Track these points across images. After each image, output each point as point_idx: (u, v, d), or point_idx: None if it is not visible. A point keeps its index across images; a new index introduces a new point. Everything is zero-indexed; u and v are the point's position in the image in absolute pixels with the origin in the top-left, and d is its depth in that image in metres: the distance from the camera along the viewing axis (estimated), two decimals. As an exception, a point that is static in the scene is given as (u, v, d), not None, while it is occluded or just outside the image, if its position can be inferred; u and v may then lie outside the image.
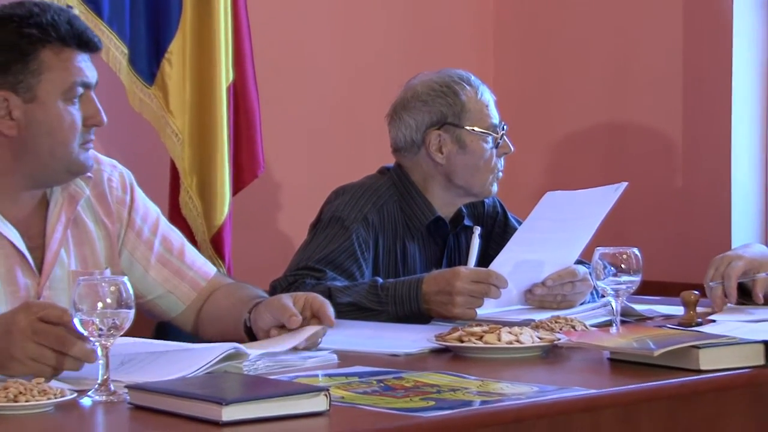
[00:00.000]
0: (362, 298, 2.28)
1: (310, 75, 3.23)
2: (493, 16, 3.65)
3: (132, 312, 1.52)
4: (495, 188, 2.46)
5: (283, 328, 1.84)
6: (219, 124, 2.63)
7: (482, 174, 2.41)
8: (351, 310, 2.27)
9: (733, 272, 2.19)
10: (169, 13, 2.60)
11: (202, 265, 2.12)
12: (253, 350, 1.73)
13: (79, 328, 1.54)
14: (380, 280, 2.31)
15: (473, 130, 2.41)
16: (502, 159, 2.44)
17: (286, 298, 1.90)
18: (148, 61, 2.59)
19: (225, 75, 2.62)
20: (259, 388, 1.52)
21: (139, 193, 2.09)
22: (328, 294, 2.16)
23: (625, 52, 3.40)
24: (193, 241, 2.54)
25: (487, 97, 2.46)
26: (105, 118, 1.90)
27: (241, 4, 2.66)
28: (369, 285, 2.31)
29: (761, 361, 1.71)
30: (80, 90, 1.84)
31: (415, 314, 2.25)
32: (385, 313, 2.27)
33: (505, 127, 2.45)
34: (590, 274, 2.10)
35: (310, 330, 1.84)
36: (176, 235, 2.13)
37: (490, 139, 2.41)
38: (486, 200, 2.56)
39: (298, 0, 3.19)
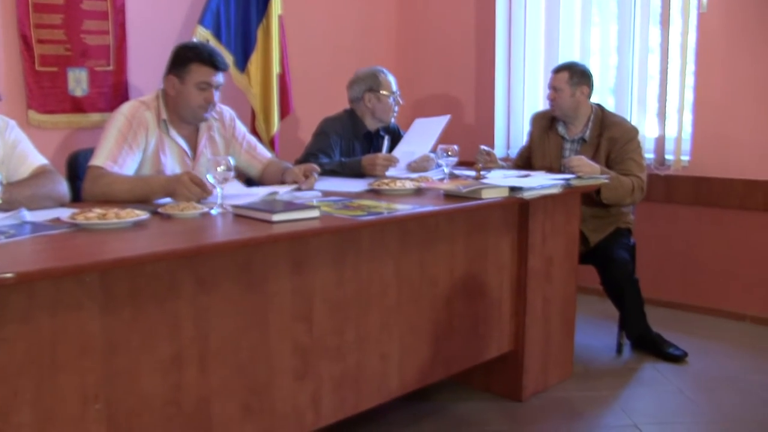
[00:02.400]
0: (335, 167, 3.61)
1: (310, 70, 5.10)
2: (395, 27, 5.80)
3: (232, 172, 2.59)
4: (393, 119, 3.98)
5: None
6: (272, 91, 4.51)
7: (387, 113, 3.91)
8: (330, 172, 3.55)
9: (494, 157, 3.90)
10: (251, 38, 4.49)
11: (265, 153, 3.41)
12: (283, 189, 2.88)
13: (209, 179, 2.60)
14: (344, 159, 3.72)
15: (383, 93, 3.88)
16: (396, 107, 3.93)
17: (297, 168, 3.16)
18: (243, 61, 4.48)
19: (275, 69, 4.52)
20: (288, 205, 2.50)
21: (237, 121, 3.35)
22: (320, 165, 3.34)
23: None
24: (262, 142, 3.96)
25: (391, 78, 3.92)
26: (216, 99, 3.06)
27: (282, 34, 4.56)
28: (338, 161, 3.69)
29: (507, 194, 3.01)
30: (204, 86, 3.03)
31: (359, 174, 3.53)
32: (345, 174, 3.59)
33: (397, 92, 3.93)
34: (436, 156, 3.45)
35: (308, 180, 3.07)
36: (253, 139, 3.41)
37: (391, 98, 3.89)
38: (391, 124, 4.00)
39: (304, 30, 5.10)
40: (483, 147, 3.99)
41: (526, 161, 4.26)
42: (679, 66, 4.53)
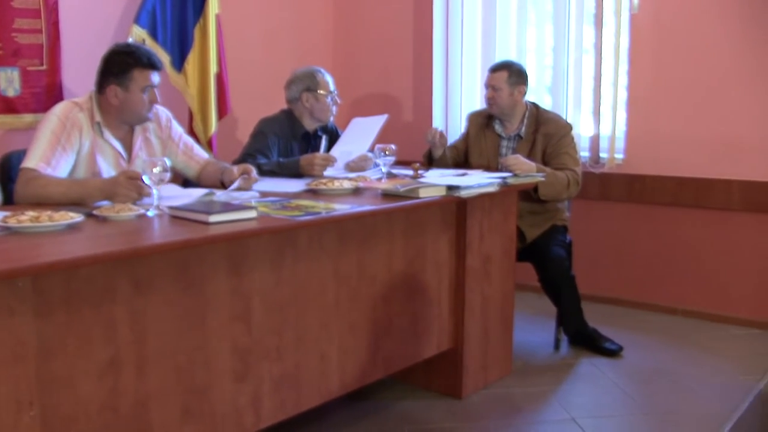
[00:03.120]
0: (273, 167, 3.59)
1: (248, 70, 5.05)
2: (332, 26, 5.80)
3: (168, 173, 2.54)
4: (331, 118, 3.97)
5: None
6: (210, 91, 4.45)
7: (325, 112, 3.91)
8: (268, 173, 3.52)
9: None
10: (187, 37, 4.41)
11: (202, 153, 3.39)
12: (219, 191, 2.89)
13: (146, 180, 2.55)
14: (282, 159, 3.69)
15: (321, 92, 3.88)
16: (335, 106, 3.93)
17: (234, 168, 3.12)
18: (179, 61, 4.41)
19: (213, 68, 4.46)
20: (225, 206, 2.49)
21: (174, 121, 3.33)
22: (258, 166, 3.37)
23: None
24: (199, 142, 4.05)
25: (328, 78, 3.92)
26: (159, 98, 3.08)
27: (220, 33, 4.52)
28: (276, 162, 3.65)
29: (444, 192, 3.03)
30: (148, 89, 3.03)
31: (297, 174, 3.52)
32: (283, 174, 3.57)
33: (335, 91, 3.93)
34: (374, 155, 3.49)
35: (244, 179, 3.02)
36: (190, 140, 3.39)
37: (329, 97, 3.90)
38: (329, 123, 4.01)
39: (241, 29, 5.08)
40: (436, 128, 4.07)
41: (460, 154, 4.29)
42: (612, 66, 4.63)
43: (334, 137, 4.05)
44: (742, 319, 4.48)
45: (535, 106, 4.18)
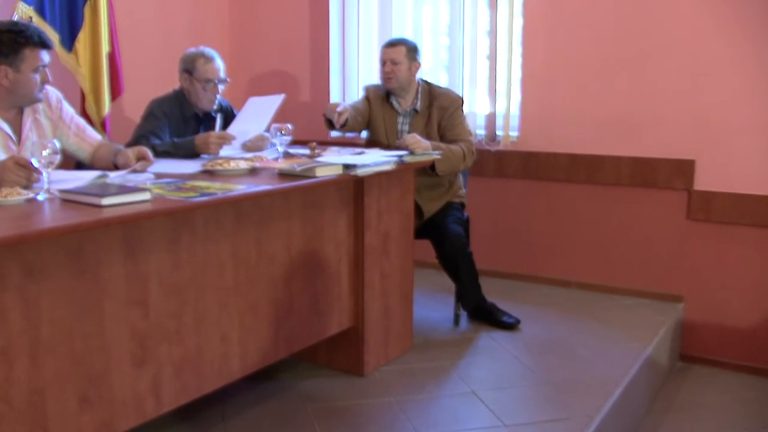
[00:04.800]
0: (168, 147, 3.57)
1: (141, 49, 4.98)
2: (228, 4, 5.73)
3: (59, 156, 2.48)
4: (216, 101, 3.86)
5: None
6: (102, 71, 4.38)
7: (200, 100, 3.83)
8: (162, 153, 3.49)
9: None
10: (77, 15, 4.29)
11: (95, 135, 3.33)
12: (112, 174, 2.83)
13: (35, 164, 2.49)
14: (176, 139, 3.67)
15: (196, 78, 3.80)
16: (215, 93, 3.82)
17: (129, 150, 3.09)
18: (69, 40, 4.30)
19: (105, 48, 4.38)
20: (118, 189, 2.46)
21: (64, 102, 3.26)
22: (152, 147, 3.32)
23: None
24: (92, 124, 4.05)
25: (211, 66, 3.80)
26: (50, 78, 3.01)
27: (111, 12, 4.41)
28: (171, 142, 3.64)
29: (341, 171, 3.06)
30: (40, 69, 2.95)
31: (193, 154, 3.53)
32: (179, 154, 3.54)
33: (217, 79, 3.80)
34: (270, 135, 3.43)
35: (141, 164, 3.01)
36: (82, 122, 3.32)
37: (206, 85, 3.79)
38: (224, 103, 3.97)
39: (134, 7, 4.97)
40: (335, 103, 3.99)
41: (362, 117, 4.23)
42: (506, 46, 4.72)
43: (229, 117, 4.00)
44: (632, 290, 4.66)
45: (425, 82, 4.24)
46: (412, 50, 4.13)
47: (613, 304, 4.54)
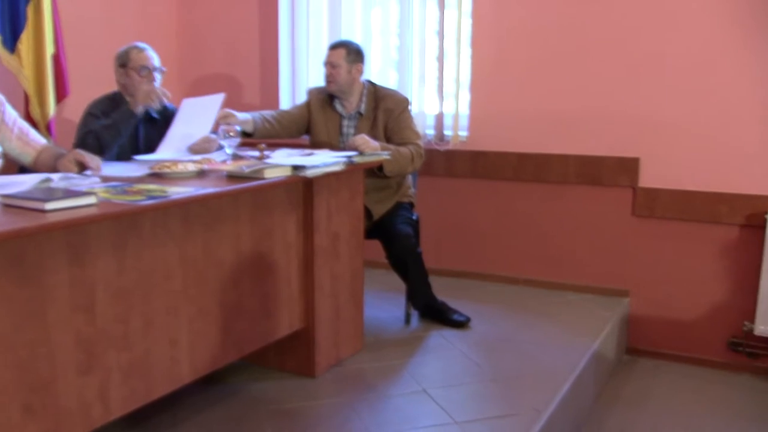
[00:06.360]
0: (107, 123, 3.55)
1: (87, 50, 4.89)
2: (176, 5, 5.70)
3: (1, 160, 2.79)
4: (157, 96, 3.64)
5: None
6: (46, 73, 4.33)
7: (137, 90, 3.68)
8: (106, 132, 3.53)
9: None
10: (19, 16, 4.25)
11: (38, 139, 3.29)
12: (56, 177, 2.76)
13: None
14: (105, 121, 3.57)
15: (131, 67, 3.75)
16: (151, 82, 3.70)
17: (69, 154, 3.03)
18: (11, 41, 4.26)
19: (49, 49, 4.34)
20: (63, 193, 2.39)
21: (7, 105, 3.24)
22: (96, 136, 3.48)
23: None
24: (36, 127, 4.15)
25: (146, 54, 3.75)
26: None
27: (55, 12, 4.36)
28: (103, 124, 3.55)
29: (290, 172, 3.04)
30: None
31: (132, 116, 3.56)
32: (122, 125, 3.55)
33: (152, 67, 3.75)
34: (217, 136, 3.48)
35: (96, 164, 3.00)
36: (26, 125, 3.29)
37: (142, 71, 3.73)
38: (170, 106, 3.81)
39: (79, 7, 4.90)
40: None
41: (295, 122, 4.24)
42: (455, 47, 4.75)
43: (168, 116, 3.87)
44: (579, 286, 4.74)
45: (371, 83, 4.24)
46: (353, 53, 4.12)
47: (561, 300, 4.61)
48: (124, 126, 3.58)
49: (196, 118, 3.75)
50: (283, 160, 3.22)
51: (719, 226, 4.34)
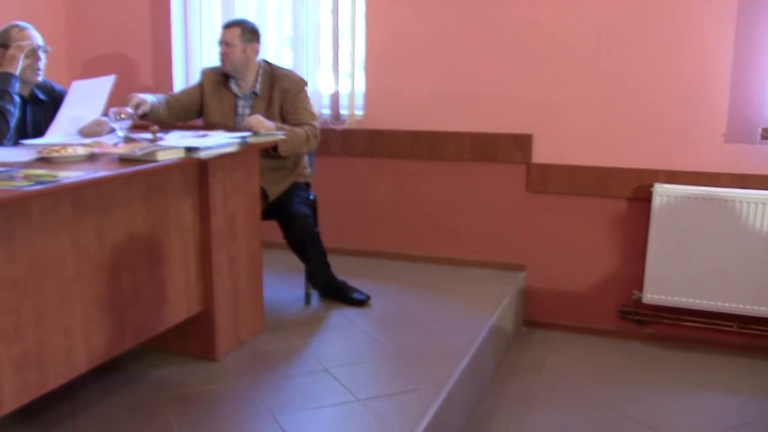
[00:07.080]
0: None
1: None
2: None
3: None
4: (40, 72, 3.63)
5: None
6: None
7: (29, 61, 3.55)
8: None
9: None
10: None
11: None
12: None
13: None
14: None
15: (11, 47, 3.54)
16: (39, 62, 3.59)
17: None
18: None
19: None
20: None
21: None
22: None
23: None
24: None
25: (28, 33, 3.59)
26: None
27: None
28: None
29: (183, 155, 2.99)
30: None
31: (6, 78, 3.43)
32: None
33: (43, 45, 3.62)
34: (109, 119, 3.38)
35: None
36: None
37: (22, 52, 3.52)
38: (57, 87, 3.78)
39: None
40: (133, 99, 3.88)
41: (189, 103, 4.22)
42: (350, 25, 4.75)
43: (58, 99, 3.79)
44: (476, 261, 4.84)
45: (268, 63, 4.22)
46: (248, 32, 4.09)
47: (459, 276, 4.70)
48: (8, 86, 3.44)
49: (86, 100, 3.66)
50: (176, 142, 3.18)
51: (609, 200, 4.49)
